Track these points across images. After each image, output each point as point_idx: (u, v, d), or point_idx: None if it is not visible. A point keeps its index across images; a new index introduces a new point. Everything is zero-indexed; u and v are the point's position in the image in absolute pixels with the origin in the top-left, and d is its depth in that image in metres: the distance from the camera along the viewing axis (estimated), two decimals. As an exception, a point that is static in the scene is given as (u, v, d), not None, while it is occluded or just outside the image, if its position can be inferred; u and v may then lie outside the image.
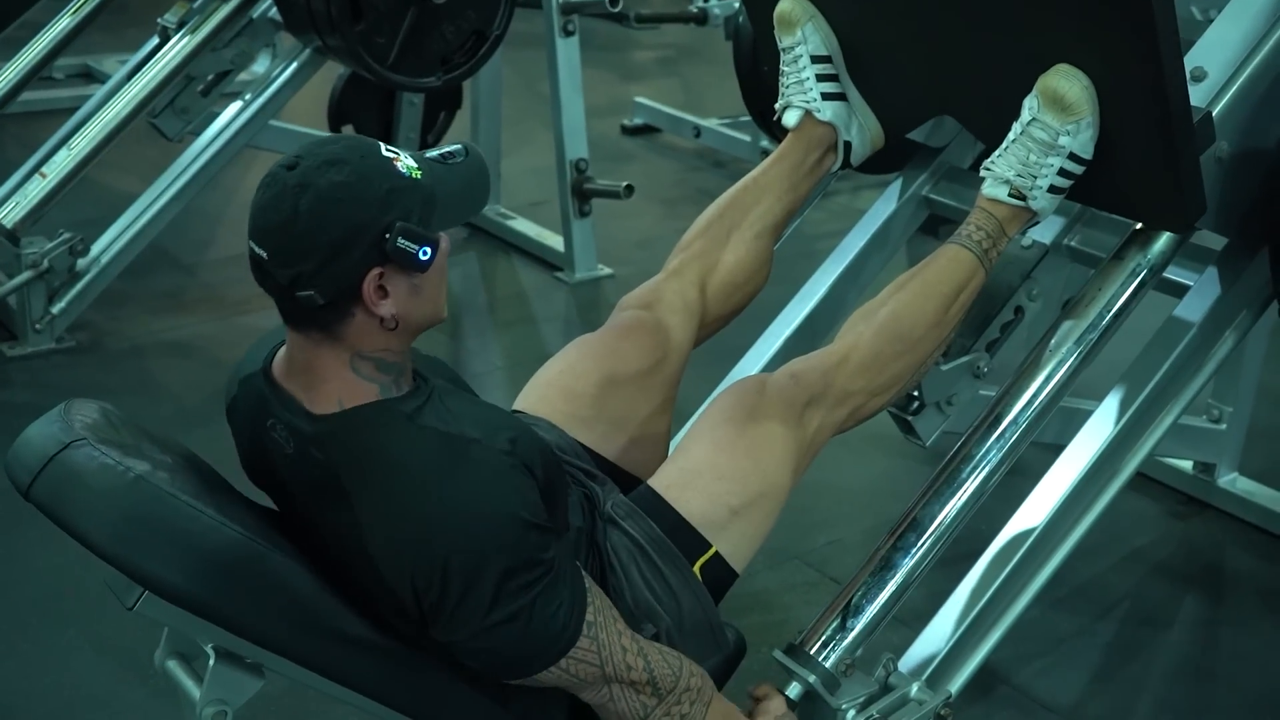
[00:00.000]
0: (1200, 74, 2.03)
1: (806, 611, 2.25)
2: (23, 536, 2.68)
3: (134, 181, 4.06)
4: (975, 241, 2.04)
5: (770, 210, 2.28)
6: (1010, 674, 2.45)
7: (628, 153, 5.41)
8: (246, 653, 1.64)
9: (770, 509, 1.87)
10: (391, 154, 1.60)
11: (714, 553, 1.82)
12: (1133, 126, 1.94)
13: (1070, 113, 1.95)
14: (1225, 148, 2.03)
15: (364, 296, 1.57)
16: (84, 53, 5.52)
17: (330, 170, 1.55)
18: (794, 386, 1.93)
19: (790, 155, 2.32)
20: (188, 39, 3.80)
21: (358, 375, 1.63)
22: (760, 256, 2.26)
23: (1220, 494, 2.98)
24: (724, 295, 2.23)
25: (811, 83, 2.30)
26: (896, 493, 2.90)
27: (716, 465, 1.86)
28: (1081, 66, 1.93)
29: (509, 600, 1.57)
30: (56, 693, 2.36)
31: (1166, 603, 2.74)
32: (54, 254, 3.55)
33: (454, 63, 3.73)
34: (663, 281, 2.19)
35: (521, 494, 1.60)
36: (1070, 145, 1.97)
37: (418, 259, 1.58)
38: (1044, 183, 2.01)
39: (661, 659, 1.70)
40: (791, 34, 2.30)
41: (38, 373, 3.50)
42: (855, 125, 2.34)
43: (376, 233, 1.55)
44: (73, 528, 1.57)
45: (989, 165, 2.06)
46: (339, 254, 1.55)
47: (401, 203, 1.57)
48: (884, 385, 2.00)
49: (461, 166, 1.67)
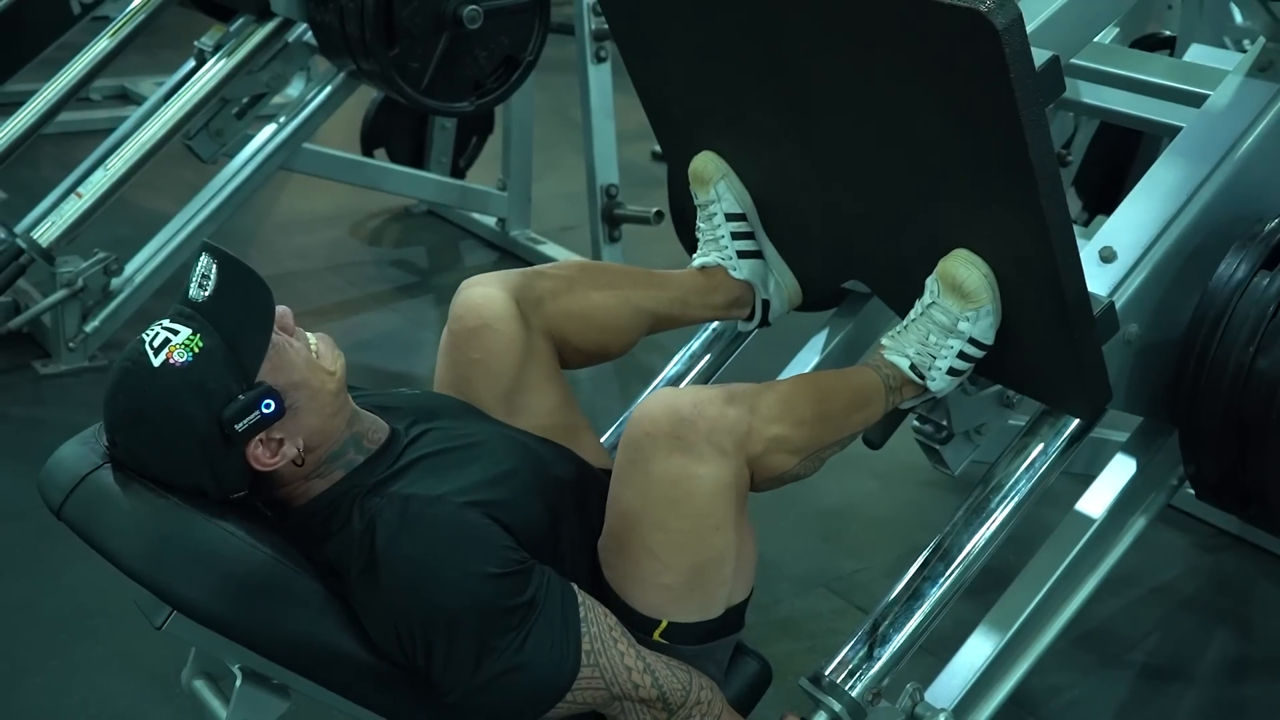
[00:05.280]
0: (1109, 254, 1.98)
1: (833, 640, 2.24)
2: (54, 554, 2.69)
3: (168, 202, 4.09)
4: (885, 375, 1.95)
5: (655, 299, 2.12)
6: (1037, 706, 2.43)
7: (658, 179, 5.37)
8: (273, 674, 1.65)
9: (716, 570, 1.71)
10: (162, 348, 1.58)
11: (667, 624, 1.72)
12: (1032, 316, 1.87)
13: (970, 300, 1.87)
14: (1135, 330, 1.97)
15: (263, 465, 1.63)
16: (121, 75, 5.57)
17: (136, 430, 1.60)
18: (692, 413, 1.68)
19: (694, 281, 2.20)
20: (223, 62, 3.83)
21: (320, 477, 1.69)
22: (626, 321, 2.09)
23: (1251, 527, 2.95)
24: (573, 321, 2.03)
25: (727, 240, 2.21)
26: (925, 522, 2.88)
27: (632, 545, 1.70)
28: (980, 253, 1.87)
29: (496, 654, 1.58)
30: (83, 709, 2.37)
31: (1196, 636, 2.72)
32: (89, 273, 3.57)
33: (487, 88, 3.76)
34: (513, 271, 2.03)
35: (485, 546, 1.61)
36: (970, 331, 1.90)
37: (268, 416, 1.61)
38: (943, 364, 1.93)
39: (670, 674, 1.70)
40: (705, 191, 2.22)
41: (70, 391, 3.53)
42: (773, 282, 2.25)
43: (218, 436, 1.59)
44: (103, 547, 1.58)
45: (890, 338, 1.98)
46: (211, 472, 1.62)
47: (210, 392, 1.58)
48: (789, 444, 1.76)
49: (224, 283, 1.61)
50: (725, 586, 1.74)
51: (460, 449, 1.75)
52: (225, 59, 3.83)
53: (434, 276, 4.55)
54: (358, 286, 4.35)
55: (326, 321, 3.97)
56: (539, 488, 1.76)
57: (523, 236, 4.58)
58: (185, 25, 4.42)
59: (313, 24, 3.73)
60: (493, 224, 4.67)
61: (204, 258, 1.63)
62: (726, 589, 1.75)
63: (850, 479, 3.15)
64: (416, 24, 3.54)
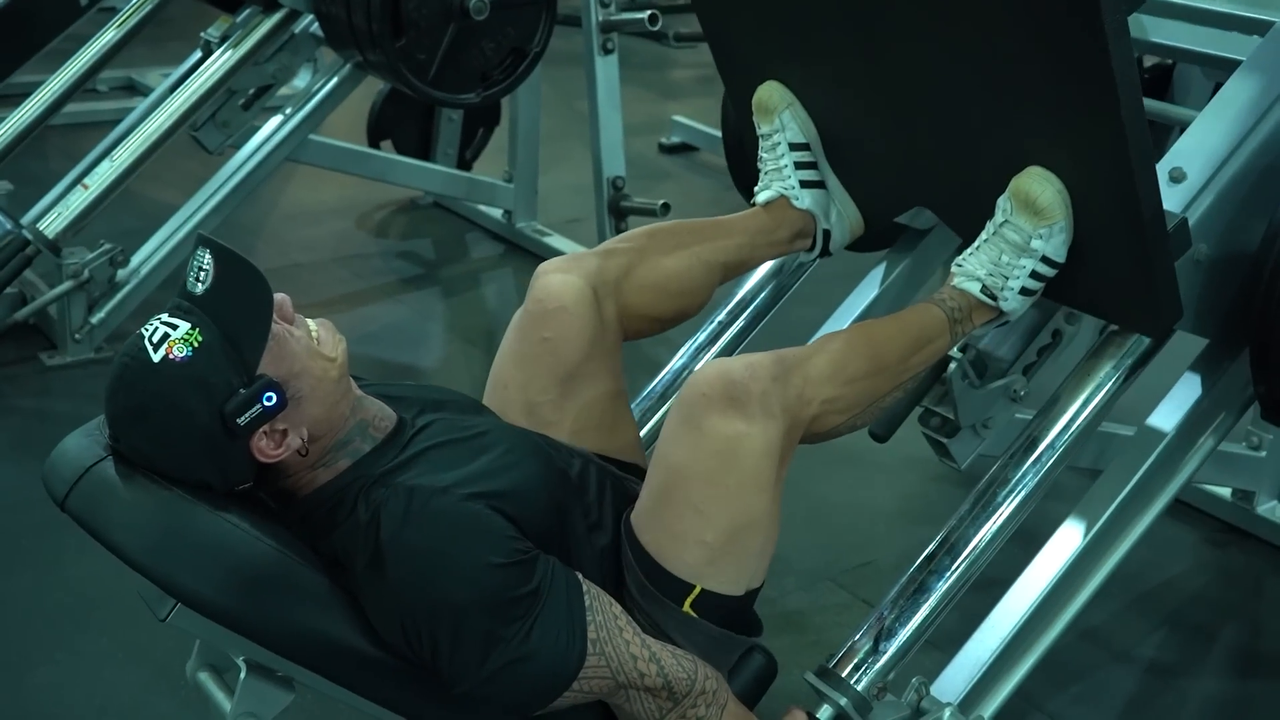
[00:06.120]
0: (1180, 175, 1.98)
1: (839, 634, 2.24)
2: (57, 546, 2.69)
3: (174, 194, 4.08)
4: (949, 308, 1.98)
5: (724, 249, 2.17)
6: (1044, 701, 2.43)
7: (665, 171, 5.41)
8: (277, 666, 1.65)
9: (753, 534, 1.75)
10: (161, 343, 1.57)
11: (700, 590, 1.74)
12: (1106, 233, 1.88)
13: (1043, 217, 1.89)
14: (1204, 250, 1.98)
15: (268, 457, 1.63)
16: (128, 66, 5.56)
17: (140, 426, 1.60)
18: (747, 378, 1.74)
19: (759, 220, 2.24)
20: (230, 53, 3.82)
21: (325, 467, 1.69)
22: (699, 280, 2.13)
23: (1259, 522, 2.95)
24: (649, 294, 2.08)
25: (790, 170, 2.24)
26: (931, 516, 2.87)
27: (677, 500, 1.73)
28: (1054, 169, 1.88)
29: (502, 644, 1.58)
30: (88, 701, 2.37)
31: (1203, 631, 2.71)
32: (94, 264, 3.57)
33: (493, 79, 3.75)
34: (588, 254, 2.07)
35: (489, 538, 1.61)
36: (1043, 249, 1.91)
37: (270, 409, 1.60)
38: (1015, 284, 1.95)
39: (675, 662, 1.69)
40: (770, 121, 2.25)
41: (76, 382, 3.52)
42: (834, 213, 2.28)
43: (221, 430, 1.58)
44: (107, 539, 1.58)
45: (960, 261, 2.00)
46: (216, 466, 1.61)
47: (212, 386, 1.57)
48: (842, 403, 1.85)
49: (220, 276, 1.60)
50: (753, 558, 1.77)
51: (466, 440, 1.75)
52: (232, 50, 3.83)
53: (440, 269, 4.54)
54: (364, 278, 4.34)
55: (333, 313, 3.92)
56: (544, 479, 1.76)
57: (529, 229, 4.57)
58: (192, 16, 4.41)
59: (319, 15, 3.72)
60: (499, 216, 4.66)
61: (200, 250, 1.62)
62: (753, 563, 1.77)
63: (856, 473, 3.14)
64: (423, 15, 3.53)
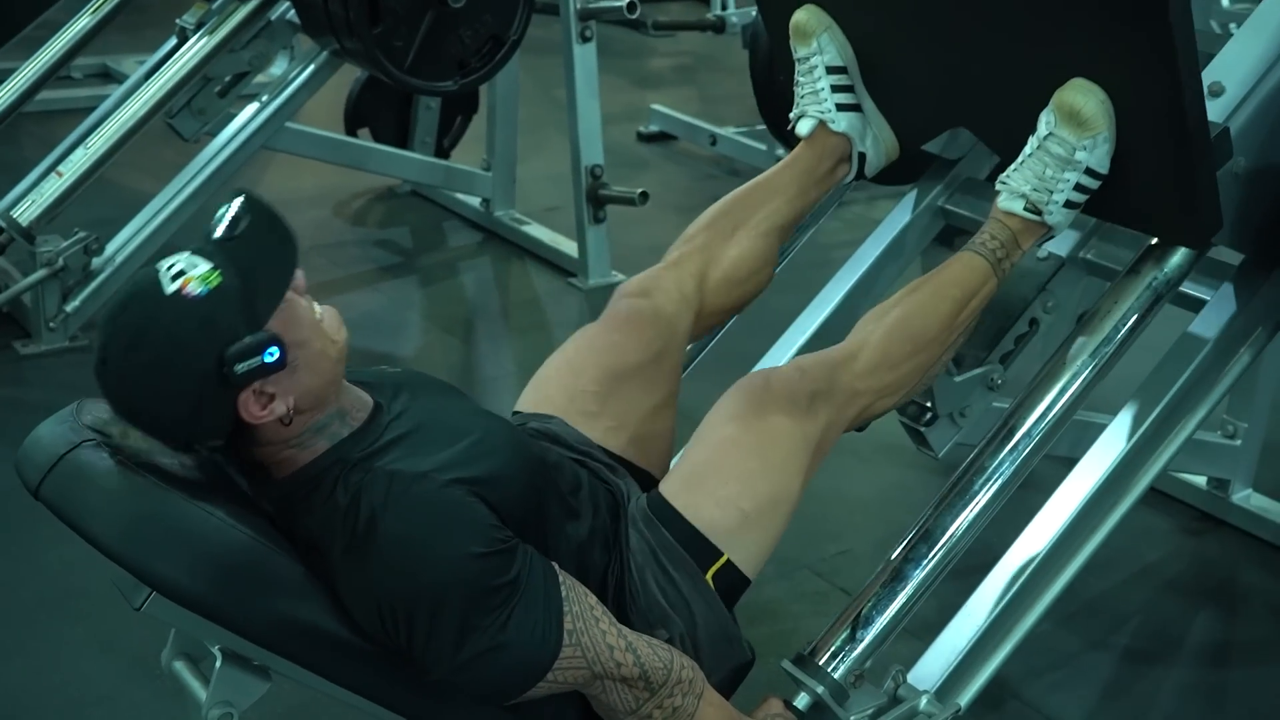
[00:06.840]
0: (1218, 89, 2.01)
1: (816, 622, 2.24)
2: (32, 535, 2.68)
3: (150, 181, 4.06)
4: (990, 250, 2.03)
5: (778, 211, 2.26)
6: (1020, 688, 2.44)
7: (643, 160, 5.41)
8: (253, 655, 1.64)
9: (781, 514, 1.85)
10: (177, 277, 1.54)
11: (726, 560, 1.80)
12: (1149, 142, 1.92)
13: (1087, 128, 1.93)
14: (1242, 163, 2.01)
15: (252, 417, 1.59)
16: (102, 53, 5.53)
17: (134, 353, 1.54)
18: (800, 379, 1.90)
19: (802, 161, 2.31)
20: (206, 40, 3.80)
21: (301, 447, 1.66)
22: (764, 255, 2.24)
23: (1234, 510, 2.96)
24: (724, 290, 2.20)
25: (826, 93, 2.29)
26: (908, 504, 2.88)
27: (725, 467, 1.84)
28: (1098, 80, 1.91)
29: (479, 633, 1.58)
30: (63, 690, 2.36)
31: (1179, 619, 2.72)
32: (69, 252, 3.55)
33: (471, 67, 3.74)
34: (662, 271, 2.17)
35: (470, 525, 1.61)
36: (1087, 160, 1.96)
37: (269, 365, 1.56)
38: (1060, 197, 1.99)
39: (652, 652, 1.70)
40: (807, 44, 2.29)
41: (50, 371, 3.51)
42: (870, 136, 2.33)
43: (215, 375, 1.54)
44: (81, 527, 1.57)
45: (1004, 179, 2.04)
46: (197, 412, 1.57)
47: (218, 329, 1.54)
48: (892, 386, 1.98)
49: (253, 228, 1.61)
50: (769, 541, 1.85)
51: (445, 425, 1.74)
52: (207, 37, 3.81)
53: (418, 257, 4.53)
54: (341, 267, 4.33)
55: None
56: (522, 465, 1.75)
57: (507, 217, 4.56)
58: (167, 3, 4.40)
59: (296, 2, 3.70)
60: (477, 204, 4.65)
61: (239, 200, 1.62)
62: (768, 546, 1.85)
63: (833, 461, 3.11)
64: (400, 2, 3.51)
